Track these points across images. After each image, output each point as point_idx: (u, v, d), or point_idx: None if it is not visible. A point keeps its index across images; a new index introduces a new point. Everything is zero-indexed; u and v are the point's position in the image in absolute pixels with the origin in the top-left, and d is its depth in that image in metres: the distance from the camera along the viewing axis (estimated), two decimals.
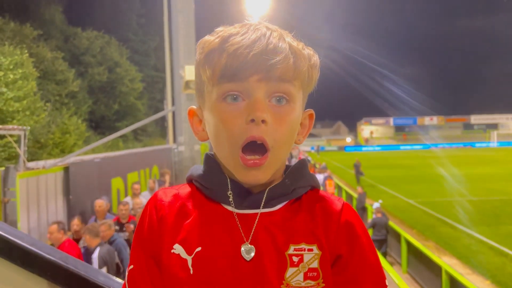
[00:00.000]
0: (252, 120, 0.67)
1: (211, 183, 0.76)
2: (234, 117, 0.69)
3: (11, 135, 6.74)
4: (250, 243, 0.71)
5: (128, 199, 7.53)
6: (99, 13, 31.73)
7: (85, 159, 8.93)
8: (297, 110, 0.73)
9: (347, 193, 16.49)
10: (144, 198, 7.70)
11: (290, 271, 0.70)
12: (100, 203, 6.23)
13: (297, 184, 0.76)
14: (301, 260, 0.70)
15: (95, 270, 1.15)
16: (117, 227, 5.75)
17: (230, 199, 0.74)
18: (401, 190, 19.67)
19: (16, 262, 1.12)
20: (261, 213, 0.73)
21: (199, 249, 0.72)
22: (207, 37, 0.74)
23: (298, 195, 0.76)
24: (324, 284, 0.70)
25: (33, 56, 18.84)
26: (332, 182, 15.57)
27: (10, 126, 6.76)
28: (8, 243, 1.11)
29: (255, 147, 0.69)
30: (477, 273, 8.66)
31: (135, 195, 7.66)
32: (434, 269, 7.53)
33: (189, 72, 6.63)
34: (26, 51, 16.66)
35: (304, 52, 0.73)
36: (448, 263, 8.05)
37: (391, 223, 10.48)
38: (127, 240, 5.58)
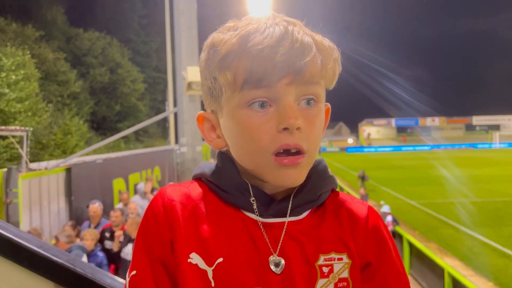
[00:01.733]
0: (286, 129, 0.63)
1: (230, 186, 0.69)
2: (264, 125, 0.63)
3: (13, 136, 6.74)
4: (278, 255, 0.65)
5: (120, 205, 7.15)
6: (101, 14, 31.81)
7: (87, 160, 8.93)
8: (323, 109, 0.70)
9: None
10: (136, 201, 7.53)
11: (320, 282, 0.66)
12: (95, 208, 5.91)
13: (322, 189, 0.71)
14: (331, 271, 0.66)
15: (102, 272, 1.15)
16: (107, 234, 5.41)
17: (254, 207, 0.68)
18: (403, 191, 19.63)
19: (23, 264, 1.11)
20: (288, 222, 0.68)
21: (220, 260, 0.65)
22: (219, 35, 0.66)
23: (322, 201, 0.72)
24: None
25: (35, 57, 18.88)
26: None
27: (13, 127, 6.76)
28: (15, 245, 1.10)
29: (289, 153, 0.64)
30: (480, 274, 8.63)
31: (124, 204, 7.11)
32: (437, 270, 7.51)
33: (191, 73, 6.61)
34: (28, 52, 16.72)
35: (327, 47, 0.67)
36: (451, 265, 8.02)
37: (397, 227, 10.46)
38: (110, 250, 5.23)
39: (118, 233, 5.32)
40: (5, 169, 6.10)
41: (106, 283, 1.11)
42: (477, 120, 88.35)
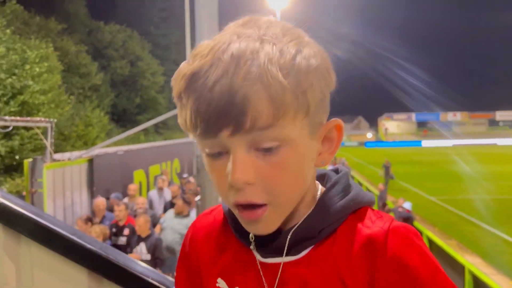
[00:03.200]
0: (232, 186, 0.55)
1: (235, 221, 0.64)
2: (221, 175, 0.57)
3: (38, 127, 6.90)
4: None
5: (125, 200, 6.88)
6: (122, 7, 32.13)
7: (108, 151, 9.08)
8: (301, 145, 0.57)
9: (367, 189, 16.35)
10: (152, 196, 7.54)
11: None
12: (99, 202, 5.83)
13: (323, 224, 0.61)
14: None
15: (133, 260, 1.18)
16: (114, 230, 5.20)
17: (252, 246, 0.65)
18: (423, 187, 19.37)
19: (58, 251, 1.15)
20: (284, 262, 0.62)
21: None
22: (182, 66, 0.59)
23: (328, 234, 0.61)
24: None
25: (58, 50, 19.21)
26: None
27: (38, 118, 6.92)
28: (51, 233, 1.14)
29: (248, 207, 0.57)
30: (502, 273, 8.48)
31: (132, 196, 6.92)
32: (457, 268, 7.41)
33: None
34: (51, 44, 17.02)
35: (291, 76, 0.54)
36: (471, 262, 7.90)
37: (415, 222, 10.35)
38: (123, 246, 5.03)
39: (126, 231, 5.18)
40: (30, 159, 6.26)
41: (137, 270, 1.15)
42: (500, 115, 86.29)
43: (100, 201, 5.96)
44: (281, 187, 0.56)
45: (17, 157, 13.27)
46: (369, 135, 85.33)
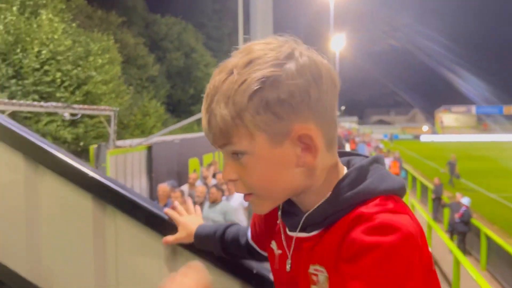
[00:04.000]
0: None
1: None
2: None
3: (102, 116, 7.34)
4: (291, 259, 0.79)
5: (184, 187, 7.12)
6: (177, 0, 32.90)
7: (166, 139, 9.48)
8: (262, 154, 0.68)
9: (422, 184, 15.83)
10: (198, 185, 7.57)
11: None
12: (164, 187, 5.99)
13: (332, 210, 0.70)
14: (318, 280, 0.72)
15: None
16: None
17: (279, 221, 0.84)
18: (482, 183, 18.45)
19: (141, 220, 1.30)
20: (296, 237, 0.76)
21: (280, 251, 0.83)
22: None
23: (332, 221, 0.70)
24: None
25: (118, 42, 20.12)
26: (397, 164, 15.23)
27: (103, 107, 7.36)
28: (134, 204, 1.29)
29: None
30: None
31: (192, 185, 7.09)
32: None
33: None
34: (112, 37, 17.85)
35: (229, 103, 0.66)
36: None
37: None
38: None
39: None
40: (95, 146, 6.69)
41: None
42: None
43: (165, 186, 6.11)
44: (254, 184, 0.70)
45: (81, 143, 14.15)
46: (425, 128, 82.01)
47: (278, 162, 0.69)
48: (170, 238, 1.21)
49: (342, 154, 0.80)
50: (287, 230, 0.79)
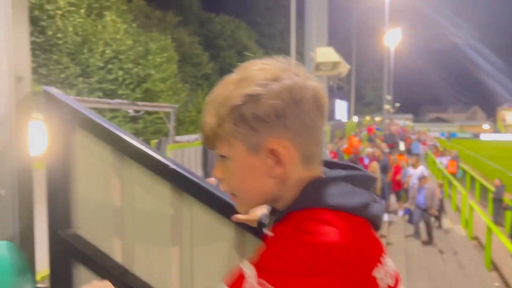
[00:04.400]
0: None
1: None
2: None
3: (162, 112, 7.72)
4: None
5: None
6: None
7: None
8: (240, 161, 0.77)
9: (481, 185, 15.10)
10: None
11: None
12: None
13: (279, 212, 0.80)
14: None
15: None
16: None
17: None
18: None
19: (216, 209, 1.44)
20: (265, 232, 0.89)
21: None
22: None
23: (278, 220, 0.79)
24: None
25: (174, 41, 20.81)
26: (454, 163, 14.64)
27: (163, 104, 7.74)
28: (212, 195, 1.44)
29: None
30: None
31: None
32: None
33: (320, 54, 6.79)
34: (169, 36, 18.51)
35: (215, 114, 0.77)
36: None
37: None
38: None
39: None
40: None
41: None
42: None
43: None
44: (234, 186, 0.80)
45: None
46: (486, 127, 77.58)
47: (252, 170, 0.78)
48: (240, 216, 1.32)
49: (342, 166, 0.84)
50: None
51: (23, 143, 1.71)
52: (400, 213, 11.00)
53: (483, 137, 64.00)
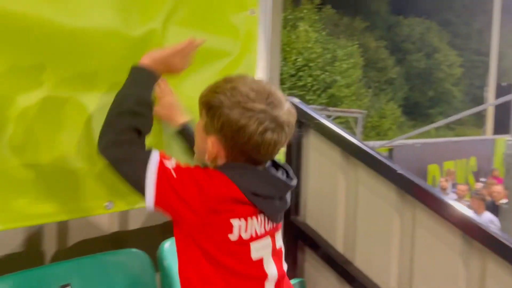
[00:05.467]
0: None
1: None
2: None
3: (349, 118, 7.87)
4: None
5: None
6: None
7: (407, 143, 9.41)
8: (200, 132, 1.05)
9: None
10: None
11: None
12: (462, 189, 6.33)
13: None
14: None
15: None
16: None
17: None
18: None
19: (441, 215, 1.49)
20: None
21: None
22: None
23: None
24: None
25: (360, 47, 20.83)
26: None
27: (353, 110, 7.89)
28: (438, 200, 1.50)
29: None
30: None
31: (443, 189, 7.16)
32: None
33: None
34: (356, 42, 18.64)
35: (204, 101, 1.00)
36: None
37: None
38: None
39: None
40: None
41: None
42: None
43: (464, 188, 6.29)
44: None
45: None
46: None
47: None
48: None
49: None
50: None
51: None
52: None
53: None
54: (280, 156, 1.52)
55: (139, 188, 0.94)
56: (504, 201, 6.42)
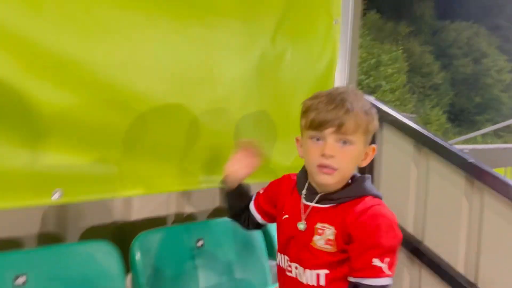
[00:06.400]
0: (323, 155, 1.04)
1: (299, 182, 1.20)
2: (315, 150, 1.07)
3: None
4: (305, 220, 1.13)
5: None
6: (470, 3, 30.67)
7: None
8: (358, 149, 1.06)
9: None
10: None
11: (316, 237, 1.09)
12: None
13: (341, 198, 1.09)
14: (323, 233, 1.08)
15: None
16: None
17: (303, 194, 1.16)
18: None
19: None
20: (312, 206, 1.12)
21: (286, 216, 1.19)
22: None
23: (342, 202, 1.08)
24: (336, 250, 1.06)
25: (405, 52, 20.57)
26: None
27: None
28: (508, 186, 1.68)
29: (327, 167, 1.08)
30: None
31: None
32: None
33: None
34: (400, 47, 18.46)
35: (362, 112, 1.04)
36: None
37: None
38: None
39: None
40: None
41: None
42: None
43: None
44: (345, 163, 1.05)
45: None
46: None
47: (359, 156, 1.11)
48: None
49: None
50: (303, 202, 1.14)
51: None
52: None
53: None
54: None
55: None
56: None
